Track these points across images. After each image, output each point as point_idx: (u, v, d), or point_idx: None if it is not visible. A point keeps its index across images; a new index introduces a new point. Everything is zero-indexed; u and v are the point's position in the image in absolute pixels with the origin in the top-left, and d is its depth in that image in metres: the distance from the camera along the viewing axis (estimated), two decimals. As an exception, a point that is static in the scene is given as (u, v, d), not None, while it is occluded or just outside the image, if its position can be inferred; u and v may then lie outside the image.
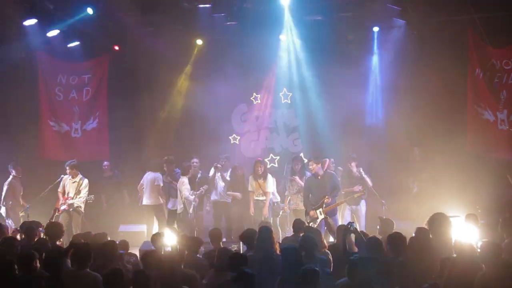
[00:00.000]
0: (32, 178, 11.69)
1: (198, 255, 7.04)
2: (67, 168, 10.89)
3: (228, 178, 11.14)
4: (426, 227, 6.73)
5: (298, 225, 7.96)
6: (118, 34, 12.44)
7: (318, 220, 9.70)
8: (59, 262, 5.83)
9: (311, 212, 9.80)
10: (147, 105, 13.06)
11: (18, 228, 8.45)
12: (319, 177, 9.94)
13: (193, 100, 13.04)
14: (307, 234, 6.98)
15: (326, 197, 9.74)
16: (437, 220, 6.56)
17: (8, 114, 12.22)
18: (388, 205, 10.66)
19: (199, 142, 12.66)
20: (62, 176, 10.96)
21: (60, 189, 10.84)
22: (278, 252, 6.48)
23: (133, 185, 11.98)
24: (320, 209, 9.75)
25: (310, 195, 9.92)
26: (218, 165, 11.06)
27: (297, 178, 10.74)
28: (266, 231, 6.74)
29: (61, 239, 7.88)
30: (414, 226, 7.04)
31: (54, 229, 7.73)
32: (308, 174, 10.53)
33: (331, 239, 8.63)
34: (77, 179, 10.85)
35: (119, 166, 12.62)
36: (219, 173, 11.09)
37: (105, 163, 12.43)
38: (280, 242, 7.55)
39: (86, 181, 10.90)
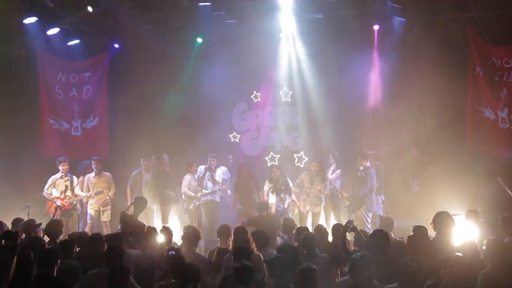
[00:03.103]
0: (32, 176, 11.68)
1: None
2: (98, 162, 11.20)
3: (216, 178, 11.32)
4: (430, 225, 6.76)
5: (288, 225, 8.10)
6: (118, 32, 12.44)
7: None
8: (56, 260, 5.90)
9: None
10: (147, 103, 13.05)
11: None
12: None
13: (193, 98, 13.04)
14: (308, 232, 7.00)
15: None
16: (441, 218, 6.63)
17: (8, 112, 12.21)
18: (388, 203, 10.67)
19: (199, 140, 12.65)
20: (55, 176, 10.95)
21: (49, 191, 10.82)
22: (255, 250, 6.56)
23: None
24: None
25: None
26: (212, 166, 11.25)
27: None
28: (240, 232, 6.88)
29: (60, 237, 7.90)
30: (414, 224, 7.06)
31: (55, 227, 7.77)
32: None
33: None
34: (68, 177, 10.91)
35: (119, 164, 12.61)
36: (207, 174, 11.22)
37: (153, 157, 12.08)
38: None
39: (76, 178, 11.11)
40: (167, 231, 7.42)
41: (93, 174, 11.27)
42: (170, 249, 6.41)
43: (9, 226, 8.48)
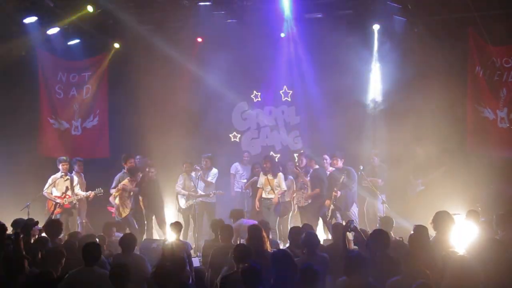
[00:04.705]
0: (31, 175, 11.68)
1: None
2: (80, 164, 11.27)
3: (209, 179, 11.40)
4: (430, 225, 6.78)
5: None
6: (118, 31, 12.43)
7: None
8: (60, 260, 5.97)
9: (326, 202, 10.46)
10: (147, 103, 13.05)
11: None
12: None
13: (193, 98, 13.04)
14: (310, 231, 6.99)
15: (334, 190, 10.28)
16: (441, 217, 6.65)
17: (8, 112, 12.22)
18: (388, 203, 10.66)
19: (199, 140, 12.66)
20: (56, 176, 10.93)
21: (49, 190, 10.81)
22: (269, 249, 6.54)
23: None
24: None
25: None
26: (197, 167, 11.36)
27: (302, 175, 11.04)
28: (255, 230, 6.82)
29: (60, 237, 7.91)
30: (414, 224, 7.06)
31: (54, 227, 7.77)
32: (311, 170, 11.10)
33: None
34: (68, 176, 10.91)
35: (118, 164, 12.60)
36: (199, 174, 11.28)
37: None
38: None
39: (76, 178, 11.07)
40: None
41: (74, 174, 11.17)
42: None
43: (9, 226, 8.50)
